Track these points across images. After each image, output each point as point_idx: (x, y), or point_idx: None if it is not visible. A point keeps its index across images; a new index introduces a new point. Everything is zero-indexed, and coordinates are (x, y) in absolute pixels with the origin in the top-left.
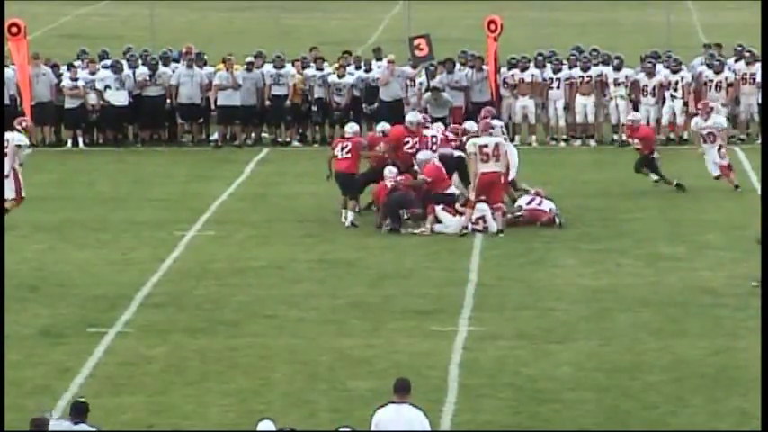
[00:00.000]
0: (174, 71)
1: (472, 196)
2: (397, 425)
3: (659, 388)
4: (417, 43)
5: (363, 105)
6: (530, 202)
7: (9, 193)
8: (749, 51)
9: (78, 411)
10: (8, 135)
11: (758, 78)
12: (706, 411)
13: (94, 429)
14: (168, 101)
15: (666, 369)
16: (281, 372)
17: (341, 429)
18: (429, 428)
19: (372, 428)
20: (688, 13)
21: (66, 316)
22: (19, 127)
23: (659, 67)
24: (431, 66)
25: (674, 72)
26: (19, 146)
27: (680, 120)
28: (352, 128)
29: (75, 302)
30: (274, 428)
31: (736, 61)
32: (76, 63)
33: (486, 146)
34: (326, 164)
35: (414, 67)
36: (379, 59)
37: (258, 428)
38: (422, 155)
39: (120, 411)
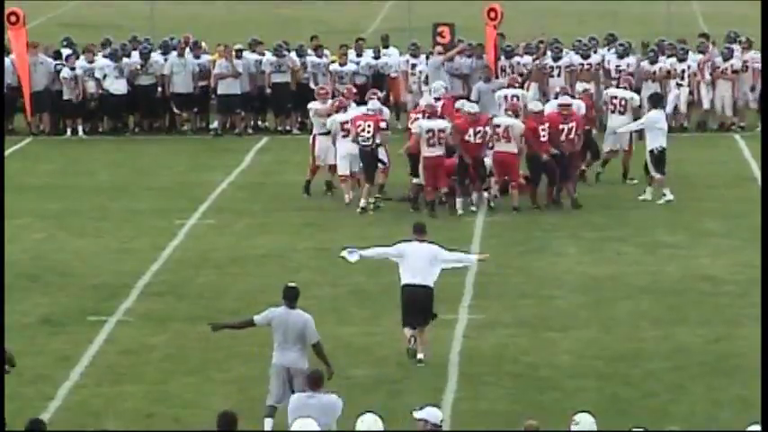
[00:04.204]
0: (166, 60)
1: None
2: (419, 256)
3: (659, 376)
4: (441, 30)
5: None
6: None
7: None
8: (746, 39)
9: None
10: (339, 118)
11: (752, 65)
12: (706, 399)
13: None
14: (160, 89)
15: (667, 357)
16: None
17: None
18: (447, 258)
19: (395, 255)
20: (688, 2)
21: (67, 305)
22: (318, 98)
23: (661, 56)
24: (430, 53)
25: (681, 60)
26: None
27: (683, 108)
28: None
29: (75, 291)
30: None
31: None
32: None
33: (498, 126)
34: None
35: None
36: (386, 47)
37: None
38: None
39: (121, 400)
